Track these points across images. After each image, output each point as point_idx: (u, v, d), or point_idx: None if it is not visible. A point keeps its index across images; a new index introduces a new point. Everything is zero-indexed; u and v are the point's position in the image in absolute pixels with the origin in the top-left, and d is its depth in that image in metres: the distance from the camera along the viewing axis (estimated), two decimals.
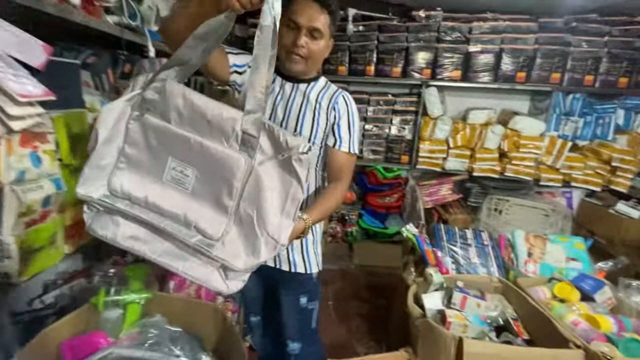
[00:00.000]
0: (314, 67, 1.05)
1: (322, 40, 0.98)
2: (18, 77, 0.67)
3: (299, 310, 1.16)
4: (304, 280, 1.13)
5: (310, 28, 0.94)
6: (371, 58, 2.56)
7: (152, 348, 0.98)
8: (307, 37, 0.95)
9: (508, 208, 2.43)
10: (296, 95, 1.04)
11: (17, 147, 0.79)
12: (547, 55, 2.35)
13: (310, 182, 1.10)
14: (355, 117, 1.07)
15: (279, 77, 1.06)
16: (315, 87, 1.06)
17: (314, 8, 0.93)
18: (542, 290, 1.33)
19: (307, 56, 0.98)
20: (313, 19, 0.93)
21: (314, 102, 1.04)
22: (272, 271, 1.11)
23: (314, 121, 1.03)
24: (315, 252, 1.15)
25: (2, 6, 0.76)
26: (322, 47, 1.00)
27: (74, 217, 1.02)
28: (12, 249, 0.82)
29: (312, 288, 1.17)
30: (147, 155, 0.73)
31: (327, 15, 0.95)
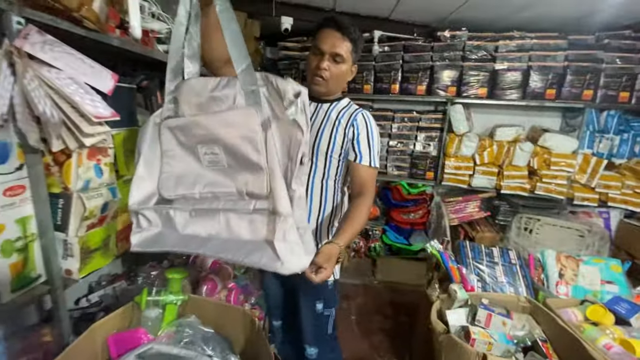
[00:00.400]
0: (335, 88, 1.13)
1: (344, 64, 1.08)
2: (93, 101, 0.79)
3: (315, 316, 1.20)
4: (320, 287, 1.15)
5: (333, 53, 1.05)
6: (396, 77, 2.63)
7: (187, 346, 1.06)
8: (329, 62, 1.06)
9: (539, 227, 2.36)
10: (318, 114, 1.14)
11: (85, 160, 0.92)
12: (578, 72, 2.31)
13: (329, 194, 1.16)
14: (374, 133, 1.12)
15: None
16: (337, 107, 1.14)
17: (337, 36, 1.04)
18: (574, 313, 1.29)
19: (328, 78, 1.08)
20: (335, 46, 1.04)
21: (334, 119, 1.12)
22: (292, 276, 1.17)
23: (331, 136, 1.10)
24: None
25: (79, 41, 0.91)
26: (344, 71, 1.09)
27: (124, 222, 1.14)
28: (75, 248, 0.94)
29: (328, 295, 1.21)
30: (182, 152, 0.84)
31: (348, 42, 1.05)
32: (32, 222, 0.85)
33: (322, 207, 1.16)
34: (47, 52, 0.74)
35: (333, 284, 1.22)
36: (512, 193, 2.53)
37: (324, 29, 1.07)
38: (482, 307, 1.23)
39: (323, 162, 1.12)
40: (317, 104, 1.15)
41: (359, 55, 1.13)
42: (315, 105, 1.15)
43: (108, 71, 0.87)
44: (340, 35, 1.04)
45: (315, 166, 1.12)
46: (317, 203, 1.16)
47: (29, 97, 0.70)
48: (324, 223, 1.18)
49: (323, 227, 1.18)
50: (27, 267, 0.86)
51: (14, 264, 0.82)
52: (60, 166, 0.88)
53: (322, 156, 1.11)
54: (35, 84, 0.70)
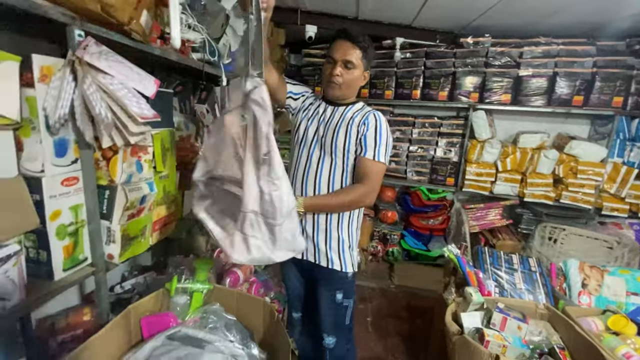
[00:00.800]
0: (349, 92, 1.23)
1: (355, 70, 1.18)
2: (139, 104, 0.90)
3: (334, 306, 1.26)
4: (340, 278, 1.25)
5: (344, 61, 1.16)
6: (417, 82, 2.65)
7: (211, 332, 1.14)
8: (342, 68, 1.17)
9: (564, 237, 2.29)
10: (335, 115, 1.23)
11: (129, 156, 1.02)
12: (607, 78, 2.25)
13: None
14: (382, 130, 1.17)
15: (323, 102, 1.28)
16: (353, 109, 1.24)
17: (347, 45, 1.16)
18: (594, 322, 1.26)
19: (341, 83, 1.18)
20: (346, 54, 1.15)
21: (349, 118, 1.20)
22: (312, 267, 1.26)
23: (346, 135, 1.18)
24: (351, 254, 1.27)
25: (125, 50, 1.02)
26: (355, 77, 1.19)
27: (158, 214, 1.25)
28: (117, 235, 1.04)
29: (347, 286, 1.27)
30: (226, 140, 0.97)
31: (358, 50, 1.16)
32: (82, 210, 0.96)
33: None
34: (103, 61, 0.85)
35: (352, 275, 1.27)
36: (536, 201, 2.48)
37: (336, 40, 1.19)
38: (498, 310, 1.23)
39: (342, 158, 1.19)
40: (334, 107, 1.25)
41: (371, 62, 1.23)
42: (332, 108, 1.25)
43: (151, 77, 0.98)
44: (350, 44, 1.15)
45: (335, 163, 1.20)
46: None
47: (87, 100, 0.81)
48: (344, 218, 1.24)
49: (344, 222, 1.24)
50: (76, 250, 0.97)
51: (66, 246, 0.94)
52: (107, 161, 1.00)
53: (340, 153, 1.19)
54: (93, 88, 0.81)
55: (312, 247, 1.25)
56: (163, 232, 1.30)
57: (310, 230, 1.24)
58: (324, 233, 1.23)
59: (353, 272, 1.27)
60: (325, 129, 1.22)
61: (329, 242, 1.23)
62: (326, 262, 1.24)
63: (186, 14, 1.35)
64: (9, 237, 0.79)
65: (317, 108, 1.27)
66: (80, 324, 1.25)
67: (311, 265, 1.26)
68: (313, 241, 1.25)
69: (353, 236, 1.28)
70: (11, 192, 0.80)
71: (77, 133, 0.88)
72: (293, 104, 1.33)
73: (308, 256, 1.26)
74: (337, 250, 1.24)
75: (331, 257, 1.23)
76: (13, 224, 0.79)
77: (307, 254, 1.27)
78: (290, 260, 1.28)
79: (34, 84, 0.79)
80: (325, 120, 1.24)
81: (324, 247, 1.23)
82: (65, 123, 0.85)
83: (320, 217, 1.23)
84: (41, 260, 0.90)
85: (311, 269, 1.28)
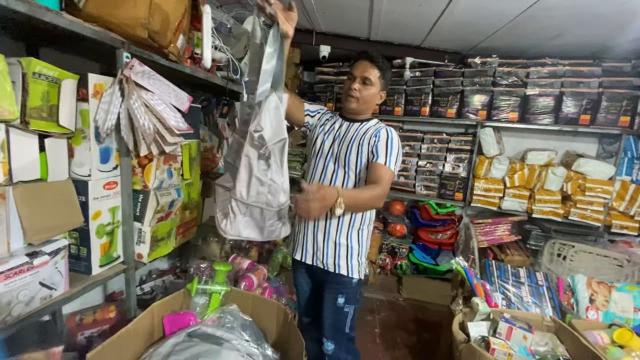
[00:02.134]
0: (364, 108, 1.30)
1: (372, 88, 1.26)
2: (175, 117, 1.01)
3: (335, 309, 1.29)
4: (344, 282, 1.28)
5: (362, 77, 1.25)
6: (426, 100, 2.75)
7: (228, 331, 1.21)
8: (360, 84, 1.26)
9: (573, 254, 2.30)
10: (350, 131, 1.30)
11: (162, 164, 1.13)
12: (613, 98, 2.30)
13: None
14: (393, 142, 1.22)
15: (340, 118, 1.36)
16: (367, 125, 1.30)
17: (366, 64, 1.26)
18: (600, 335, 1.29)
19: (358, 97, 1.26)
20: (364, 71, 1.25)
21: (362, 134, 1.27)
22: (321, 272, 1.31)
23: (359, 149, 1.24)
24: (359, 262, 1.30)
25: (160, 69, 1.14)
26: (372, 93, 1.27)
27: (182, 219, 1.34)
28: (147, 236, 1.14)
29: (350, 291, 1.29)
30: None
31: (377, 70, 1.25)
32: (118, 212, 1.06)
33: (353, 213, 1.27)
34: (146, 79, 0.97)
35: (357, 282, 1.30)
36: (545, 217, 2.50)
37: (358, 60, 1.29)
38: (504, 320, 1.27)
39: (354, 171, 1.25)
40: (350, 123, 1.33)
41: (388, 83, 1.31)
42: (348, 124, 1.33)
43: (185, 94, 1.09)
44: (370, 63, 1.25)
45: (348, 176, 1.26)
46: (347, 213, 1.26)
47: (132, 113, 0.92)
48: (354, 227, 1.28)
49: (353, 231, 1.28)
50: (111, 248, 1.06)
51: (103, 244, 1.03)
52: (142, 168, 1.10)
53: (353, 166, 1.25)
54: (138, 103, 0.92)
55: (322, 255, 1.29)
56: (185, 236, 1.39)
57: (321, 239, 1.28)
58: (334, 242, 1.27)
59: (358, 279, 1.30)
60: (340, 144, 1.29)
61: (338, 251, 1.27)
62: (333, 268, 1.27)
63: (214, 37, 1.49)
64: (59, 233, 0.89)
65: (333, 124, 1.34)
66: (107, 320, 1.33)
67: (320, 271, 1.31)
68: (323, 250, 1.28)
69: (363, 245, 1.30)
70: (62, 193, 0.90)
71: (120, 142, 0.99)
72: (310, 120, 1.41)
73: (317, 262, 1.30)
74: (346, 256, 1.27)
75: (339, 263, 1.27)
76: (63, 221, 0.89)
77: (317, 260, 1.30)
78: (301, 265, 1.36)
79: (88, 99, 0.91)
80: (341, 136, 1.30)
81: (332, 255, 1.27)
82: (110, 133, 0.96)
83: (331, 226, 1.27)
84: (81, 255, 0.99)
85: (320, 274, 1.33)
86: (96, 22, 0.91)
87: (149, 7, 0.92)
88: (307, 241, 1.31)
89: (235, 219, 1.01)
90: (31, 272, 0.80)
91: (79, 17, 0.88)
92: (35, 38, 1.03)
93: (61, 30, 0.83)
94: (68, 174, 0.93)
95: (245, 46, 1.69)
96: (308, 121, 1.41)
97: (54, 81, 0.84)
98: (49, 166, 0.87)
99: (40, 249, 0.83)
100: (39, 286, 0.83)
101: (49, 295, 0.86)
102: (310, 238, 1.30)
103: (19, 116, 0.77)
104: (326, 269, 1.29)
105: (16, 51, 1.03)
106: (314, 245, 1.30)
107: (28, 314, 0.81)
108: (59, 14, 0.79)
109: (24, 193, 0.80)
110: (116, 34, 0.96)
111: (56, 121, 0.85)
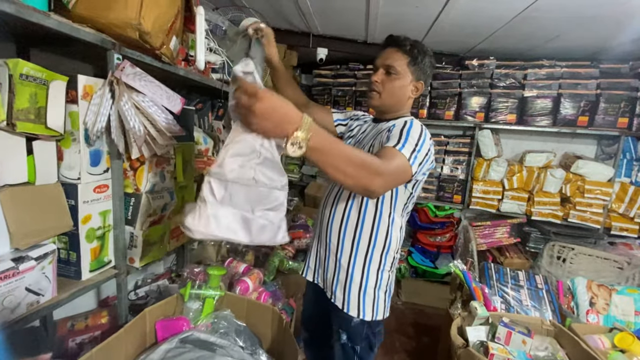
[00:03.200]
0: (392, 103, 1.04)
1: (399, 79, 1.00)
2: (167, 119, 0.99)
3: (338, 346, 1.10)
4: (343, 318, 1.06)
5: (385, 66, 1.01)
6: (424, 102, 2.74)
7: (222, 337, 1.18)
8: (382, 75, 1.02)
9: (573, 257, 2.28)
10: (371, 132, 1.08)
11: (154, 167, 1.11)
12: (611, 99, 2.30)
13: (367, 218, 1.02)
14: (412, 129, 0.92)
15: (369, 120, 1.16)
16: (392, 122, 1.02)
17: (389, 50, 1.02)
18: (600, 339, 1.27)
19: (381, 91, 1.02)
20: (387, 58, 1.01)
21: (380, 131, 1.03)
22: (325, 297, 1.13)
23: (371, 150, 1.02)
24: (361, 300, 1.04)
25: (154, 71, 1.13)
26: (398, 85, 1.01)
27: (176, 223, 1.32)
28: (139, 240, 1.12)
29: (351, 330, 1.06)
30: None
31: (402, 54, 0.99)
32: (109, 215, 1.04)
33: (357, 232, 1.03)
34: (137, 81, 0.95)
35: (360, 322, 1.04)
36: (544, 220, 2.49)
37: (383, 48, 1.05)
38: (502, 324, 1.25)
39: None
40: (375, 123, 1.10)
41: (425, 71, 1.04)
42: (373, 125, 1.10)
43: (178, 96, 1.08)
44: (395, 49, 1.01)
45: None
46: (352, 226, 1.03)
47: (122, 115, 0.91)
48: (359, 253, 1.03)
49: (358, 258, 1.03)
50: (102, 253, 1.04)
51: (93, 249, 1.01)
52: (134, 171, 1.08)
53: None
54: (128, 105, 0.90)
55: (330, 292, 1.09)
56: (180, 240, 1.37)
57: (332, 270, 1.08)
58: (345, 274, 1.05)
59: (361, 320, 1.04)
60: (355, 145, 1.09)
61: (349, 284, 1.04)
62: (333, 297, 1.08)
63: (208, 39, 1.48)
64: (47, 237, 0.87)
65: (360, 127, 1.15)
66: (99, 326, 1.31)
67: (325, 297, 1.13)
68: (331, 286, 1.08)
69: (367, 281, 1.03)
70: (51, 196, 0.89)
71: (111, 145, 0.98)
72: (343, 129, 1.23)
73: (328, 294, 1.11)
74: (343, 289, 1.05)
75: (336, 294, 1.06)
76: (51, 225, 0.87)
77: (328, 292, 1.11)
78: (313, 282, 1.18)
79: (77, 100, 0.89)
80: (361, 140, 1.09)
81: (341, 289, 1.06)
82: (101, 136, 0.95)
83: (342, 257, 1.05)
84: (71, 260, 0.97)
85: (325, 299, 1.13)
86: (86, 24, 0.90)
87: (140, 8, 0.90)
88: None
89: (206, 209, 0.65)
90: (17, 277, 0.78)
91: (69, 19, 0.87)
92: (25, 39, 1.02)
93: (50, 31, 0.82)
94: (57, 177, 0.92)
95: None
96: (341, 131, 1.22)
97: (42, 83, 0.82)
98: (37, 169, 0.86)
99: (26, 254, 0.81)
100: (26, 292, 0.81)
101: (36, 301, 0.84)
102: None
103: (5, 118, 0.75)
104: (332, 302, 1.09)
105: (6, 52, 1.01)
106: (323, 272, 1.13)
107: (14, 320, 0.79)
108: (46, 15, 0.78)
109: (11, 197, 0.79)
110: (107, 35, 0.94)
111: (44, 123, 0.83)
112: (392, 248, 1.04)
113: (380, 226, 1.01)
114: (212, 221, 0.66)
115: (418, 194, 1.05)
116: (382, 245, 1.02)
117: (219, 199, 0.66)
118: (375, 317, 1.03)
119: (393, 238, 1.03)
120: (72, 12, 0.89)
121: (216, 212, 0.66)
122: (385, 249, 1.03)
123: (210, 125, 1.67)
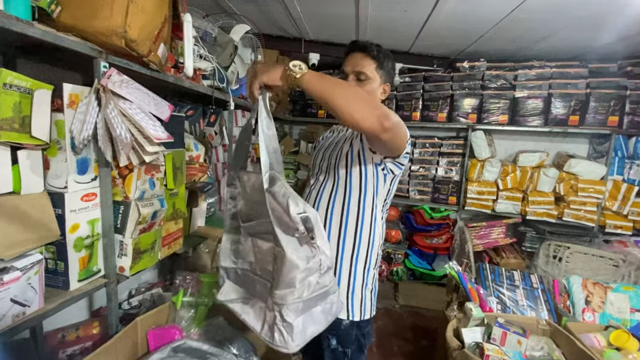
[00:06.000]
0: None
1: (370, 83, 1.03)
2: (154, 126, 0.99)
3: (328, 352, 1.08)
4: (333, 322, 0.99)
5: (355, 72, 1.03)
6: (417, 105, 2.76)
7: (215, 344, 1.17)
8: (354, 82, 1.04)
9: (569, 255, 2.29)
10: (347, 132, 1.10)
11: (143, 174, 1.11)
12: (601, 98, 2.32)
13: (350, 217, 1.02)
14: None
15: (340, 126, 1.17)
16: None
17: (357, 56, 1.04)
18: (596, 338, 1.26)
19: None
20: (356, 65, 1.03)
21: (350, 133, 1.05)
22: None
23: (350, 148, 1.03)
24: (349, 301, 1.03)
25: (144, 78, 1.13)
26: (369, 90, 1.03)
27: (167, 230, 1.31)
28: (129, 248, 1.11)
29: (341, 333, 1.04)
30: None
31: (370, 59, 1.02)
32: (98, 224, 1.03)
33: (342, 231, 1.03)
34: (124, 88, 0.95)
35: (349, 324, 1.04)
36: (539, 219, 2.49)
37: (348, 53, 1.07)
38: (498, 325, 1.24)
39: (344, 177, 1.02)
40: (344, 127, 1.12)
41: (390, 73, 1.08)
42: (342, 127, 1.14)
43: (166, 102, 1.07)
44: (362, 54, 1.03)
45: (337, 184, 1.04)
46: (336, 225, 1.04)
47: (109, 122, 0.90)
48: (346, 253, 1.03)
49: (345, 258, 1.03)
50: (91, 262, 1.03)
51: (82, 258, 1.00)
52: (123, 179, 1.08)
53: (343, 170, 1.02)
54: (114, 112, 0.90)
55: None
56: (171, 247, 1.36)
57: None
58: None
59: (350, 321, 1.04)
60: (328, 148, 1.10)
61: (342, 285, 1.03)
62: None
63: (198, 46, 1.48)
64: (33, 247, 0.86)
65: (329, 136, 1.16)
66: (90, 336, 1.29)
67: None
68: None
69: (354, 280, 1.04)
70: (37, 206, 0.88)
71: (98, 153, 0.97)
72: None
73: None
74: (346, 295, 1.03)
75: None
76: (37, 235, 0.86)
77: None
78: None
79: (63, 109, 0.89)
80: (331, 140, 1.11)
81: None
82: (88, 144, 0.94)
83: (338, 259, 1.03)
84: (59, 270, 0.96)
85: None
86: (72, 32, 0.90)
87: (125, 16, 0.91)
88: None
89: (293, 328, 0.76)
90: (1, 288, 0.76)
91: (54, 28, 0.87)
92: (11, 49, 1.01)
93: (35, 41, 0.82)
94: (43, 187, 0.91)
95: (231, 54, 1.69)
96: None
97: (27, 92, 0.82)
98: (22, 178, 0.85)
99: (11, 265, 0.80)
100: (11, 303, 0.80)
101: (21, 312, 0.82)
102: None
103: None
104: None
105: None
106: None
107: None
108: (30, 24, 0.78)
109: None
110: (93, 43, 0.94)
111: (29, 132, 0.83)
112: (375, 244, 1.05)
113: (364, 223, 1.03)
114: (299, 332, 0.78)
115: (395, 190, 1.10)
116: (366, 242, 1.04)
117: (298, 314, 0.78)
118: (363, 316, 1.04)
119: (376, 235, 1.05)
120: (57, 21, 0.88)
121: (299, 324, 0.78)
122: (370, 245, 1.04)
123: (202, 131, 1.67)
